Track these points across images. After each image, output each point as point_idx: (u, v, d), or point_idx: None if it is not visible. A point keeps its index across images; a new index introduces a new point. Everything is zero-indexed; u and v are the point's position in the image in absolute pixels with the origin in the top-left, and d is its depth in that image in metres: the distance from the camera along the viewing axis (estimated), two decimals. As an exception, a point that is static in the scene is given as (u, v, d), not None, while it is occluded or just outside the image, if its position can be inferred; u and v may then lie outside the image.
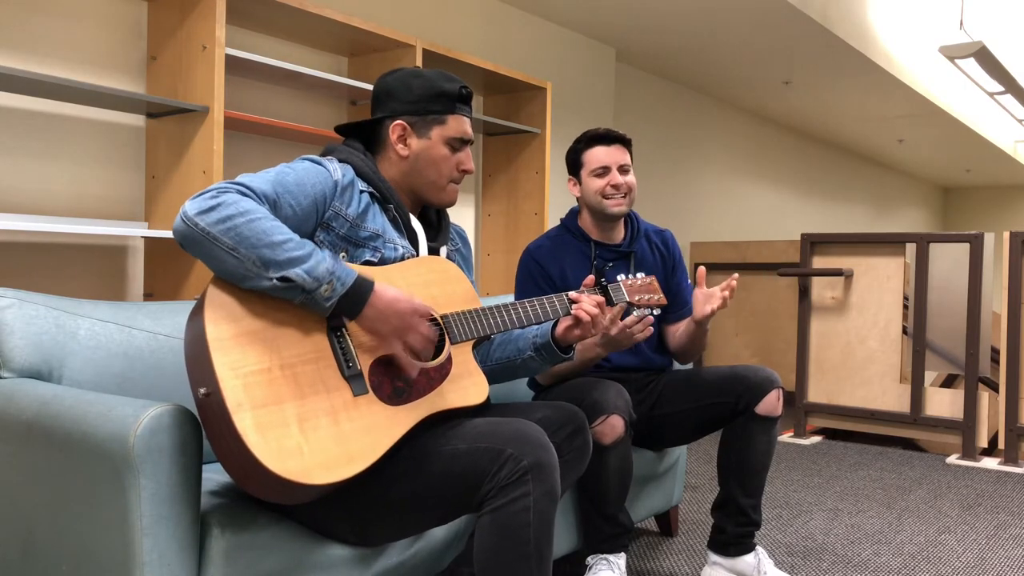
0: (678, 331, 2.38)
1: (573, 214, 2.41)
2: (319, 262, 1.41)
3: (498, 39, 4.55)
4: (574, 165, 2.36)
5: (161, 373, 1.79)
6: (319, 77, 3.19)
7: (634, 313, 2.06)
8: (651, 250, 2.41)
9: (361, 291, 1.45)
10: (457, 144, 1.71)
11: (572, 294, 1.79)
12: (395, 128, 1.69)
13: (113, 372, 1.72)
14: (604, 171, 2.29)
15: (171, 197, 2.82)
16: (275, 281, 1.38)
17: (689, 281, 2.47)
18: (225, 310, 1.39)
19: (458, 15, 4.30)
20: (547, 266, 2.31)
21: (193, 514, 1.39)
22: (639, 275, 1.99)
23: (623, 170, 2.30)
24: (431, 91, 1.69)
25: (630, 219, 2.41)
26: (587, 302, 1.76)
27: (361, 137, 1.76)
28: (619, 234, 2.37)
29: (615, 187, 2.28)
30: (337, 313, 1.44)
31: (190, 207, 1.38)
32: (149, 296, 2.87)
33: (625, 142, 2.33)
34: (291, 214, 1.52)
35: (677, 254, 2.45)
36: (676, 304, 2.41)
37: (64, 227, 2.43)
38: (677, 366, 2.54)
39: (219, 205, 1.38)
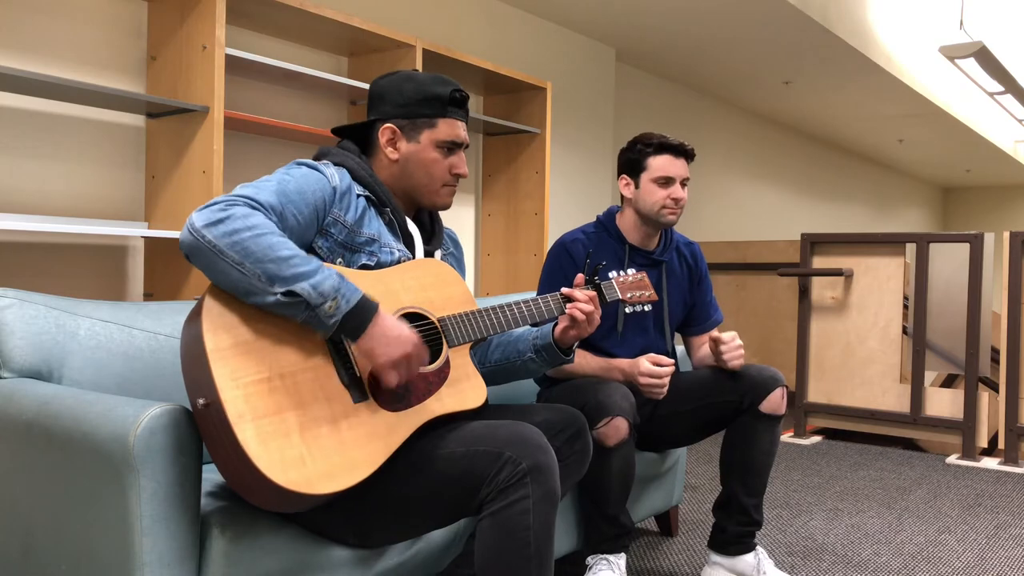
0: (700, 351, 2.42)
1: (611, 214, 2.38)
2: (325, 278, 1.39)
3: (498, 39, 4.55)
4: (634, 166, 2.30)
5: (161, 373, 1.79)
6: (319, 77, 3.19)
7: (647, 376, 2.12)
8: (680, 262, 2.42)
9: (365, 311, 1.43)
10: (449, 147, 1.70)
11: (566, 291, 1.78)
12: (384, 131, 1.69)
13: (113, 372, 1.72)
14: (668, 182, 2.26)
15: (171, 197, 2.82)
16: (280, 296, 1.36)
17: (713, 296, 2.48)
18: (223, 319, 1.38)
19: (458, 15, 4.30)
20: (580, 261, 2.29)
21: (193, 514, 1.39)
22: (630, 271, 2.00)
23: (684, 184, 2.29)
24: (422, 94, 1.67)
25: (664, 230, 2.40)
26: (581, 301, 1.76)
27: (356, 139, 1.75)
28: (655, 242, 2.37)
29: (675, 200, 2.25)
30: (340, 332, 1.42)
31: (197, 219, 1.37)
32: (149, 296, 2.87)
33: (692, 157, 2.31)
34: (295, 224, 1.51)
35: (703, 267, 2.46)
36: (699, 317, 2.44)
37: (64, 227, 2.43)
38: (681, 368, 2.54)
39: (227, 218, 1.37)
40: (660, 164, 2.27)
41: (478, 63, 3.78)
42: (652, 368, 2.09)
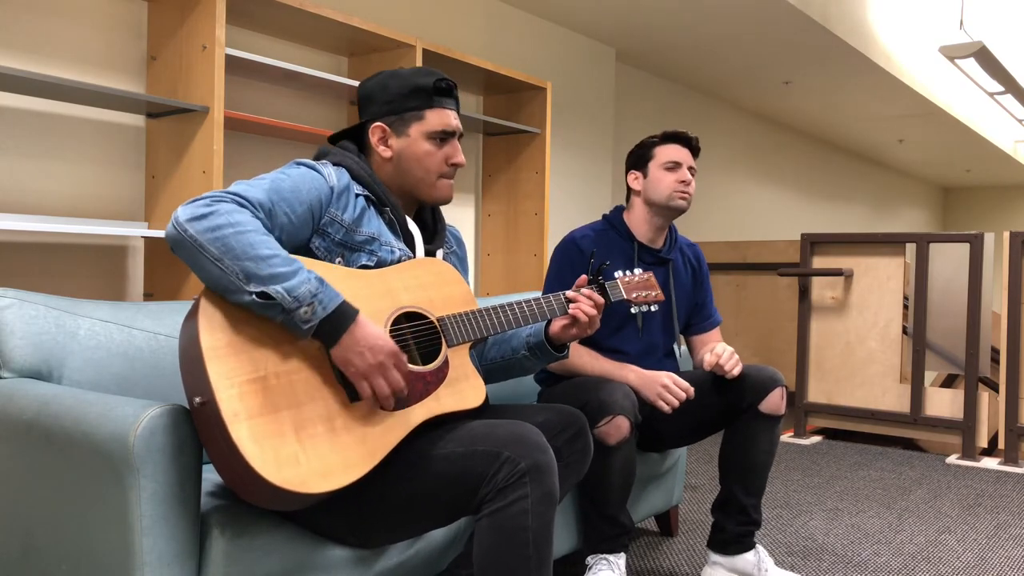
0: (703, 351, 2.40)
1: (619, 211, 2.39)
2: (302, 282, 1.37)
3: (498, 39, 4.55)
4: (641, 159, 2.36)
5: (161, 373, 1.79)
6: (319, 77, 3.19)
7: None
8: (684, 263, 2.43)
9: (343, 318, 1.41)
10: (441, 137, 1.68)
11: (569, 293, 1.78)
12: (374, 131, 1.68)
13: (113, 372, 1.72)
14: (676, 166, 2.30)
15: (171, 197, 2.82)
16: (254, 296, 1.35)
17: (712, 297, 2.51)
18: (219, 318, 1.38)
19: (458, 15, 4.30)
20: (589, 257, 2.28)
21: (193, 514, 1.39)
22: (636, 271, 1.99)
23: (692, 172, 2.33)
24: (406, 88, 1.67)
25: (670, 229, 2.42)
26: (585, 302, 1.75)
27: (353, 143, 1.75)
28: (662, 239, 2.38)
29: (683, 182, 2.29)
30: (316, 338, 1.41)
31: (182, 213, 1.36)
32: (149, 296, 2.87)
33: (697, 150, 2.36)
34: (286, 222, 1.50)
35: (705, 269, 2.50)
36: (700, 316, 2.45)
37: (64, 227, 2.43)
38: (681, 368, 2.54)
39: (211, 214, 1.36)
40: (667, 151, 2.32)
41: (478, 63, 3.78)
42: (672, 386, 2.12)
